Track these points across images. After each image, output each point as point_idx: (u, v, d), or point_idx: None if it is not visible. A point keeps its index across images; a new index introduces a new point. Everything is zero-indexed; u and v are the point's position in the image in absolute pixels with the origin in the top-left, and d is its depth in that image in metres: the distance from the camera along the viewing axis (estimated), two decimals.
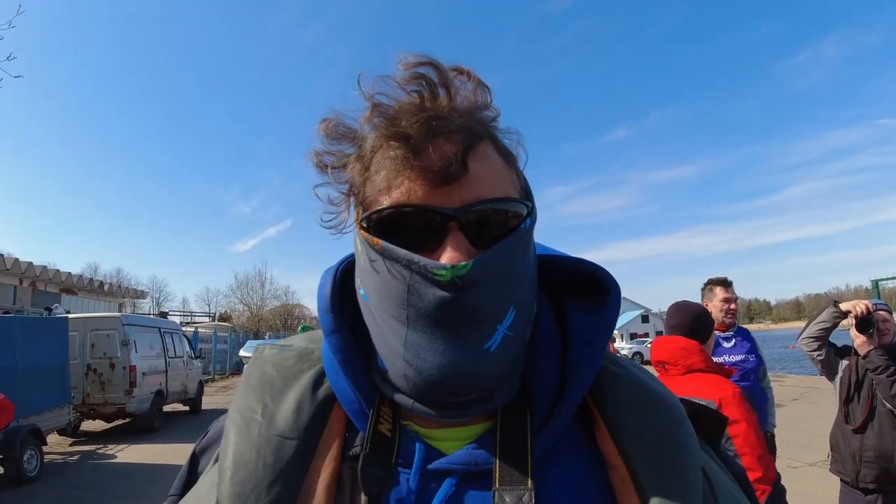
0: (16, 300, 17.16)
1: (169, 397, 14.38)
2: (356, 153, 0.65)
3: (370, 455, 0.62)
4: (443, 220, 0.59)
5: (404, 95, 0.62)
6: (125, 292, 28.10)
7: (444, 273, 0.56)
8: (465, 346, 0.57)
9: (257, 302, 53.66)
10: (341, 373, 0.66)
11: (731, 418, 2.45)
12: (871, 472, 3.39)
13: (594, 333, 0.68)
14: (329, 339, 0.68)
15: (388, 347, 0.62)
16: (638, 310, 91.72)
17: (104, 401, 12.17)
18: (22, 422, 8.73)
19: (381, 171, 0.61)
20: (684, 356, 2.74)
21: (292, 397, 0.66)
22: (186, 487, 0.74)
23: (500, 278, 0.59)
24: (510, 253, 0.60)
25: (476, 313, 0.57)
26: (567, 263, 0.74)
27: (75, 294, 21.45)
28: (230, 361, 30.63)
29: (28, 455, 8.58)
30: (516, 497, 0.58)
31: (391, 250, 0.59)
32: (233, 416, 0.67)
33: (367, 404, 0.66)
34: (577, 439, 0.66)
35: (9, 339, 8.91)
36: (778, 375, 21.49)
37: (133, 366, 12.38)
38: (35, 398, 9.25)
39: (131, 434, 12.54)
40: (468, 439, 0.65)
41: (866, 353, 3.47)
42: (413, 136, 0.59)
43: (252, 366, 0.73)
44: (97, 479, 8.77)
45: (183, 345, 15.87)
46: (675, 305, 3.05)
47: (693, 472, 0.62)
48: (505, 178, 0.64)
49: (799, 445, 7.97)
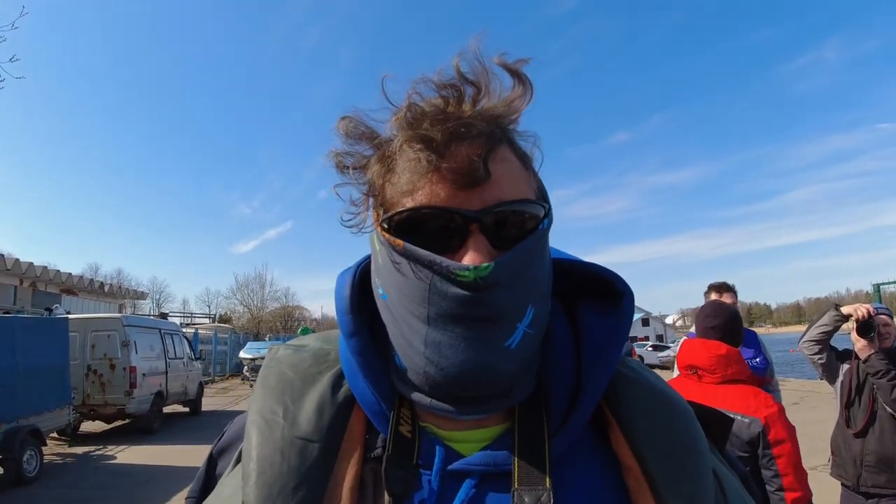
0: (16, 300, 17.16)
1: (169, 398, 14.38)
2: (377, 154, 0.67)
3: (392, 456, 0.63)
4: (464, 222, 0.60)
5: (430, 98, 0.63)
6: (125, 293, 28.15)
7: (467, 274, 0.57)
8: (488, 344, 0.59)
9: (257, 304, 53.67)
10: (361, 375, 0.67)
11: (778, 438, 2.36)
12: (872, 476, 3.38)
13: (608, 338, 0.69)
14: (349, 341, 0.68)
15: (408, 345, 0.63)
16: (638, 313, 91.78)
17: (104, 402, 12.17)
18: (22, 422, 8.74)
19: (403, 174, 0.63)
20: (724, 364, 2.55)
21: (313, 399, 0.67)
22: (205, 489, 0.74)
23: (519, 278, 0.60)
24: (529, 254, 0.62)
25: (498, 312, 0.59)
26: (579, 268, 0.75)
27: (76, 295, 21.47)
28: (230, 363, 30.56)
29: (28, 455, 8.58)
30: (535, 497, 0.59)
31: (413, 251, 0.60)
32: (253, 418, 0.67)
33: (387, 406, 0.66)
34: (591, 442, 0.67)
35: (9, 340, 8.90)
36: (778, 379, 21.44)
37: (133, 367, 12.38)
38: (35, 399, 9.25)
39: (131, 435, 12.53)
40: (486, 441, 0.66)
41: (867, 357, 3.46)
42: (436, 140, 0.60)
43: (268, 367, 0.73)
44: (97, 480, 8.76)
45: (183, 346, 15.87)
46: (714, 304, 2.92)
47: (705, 472, 0.64)
48: (523, 180, 0.65)
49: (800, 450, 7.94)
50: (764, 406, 2.42)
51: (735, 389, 2.51)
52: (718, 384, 2.55)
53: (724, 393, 2.50)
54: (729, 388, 2.52)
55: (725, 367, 2.54)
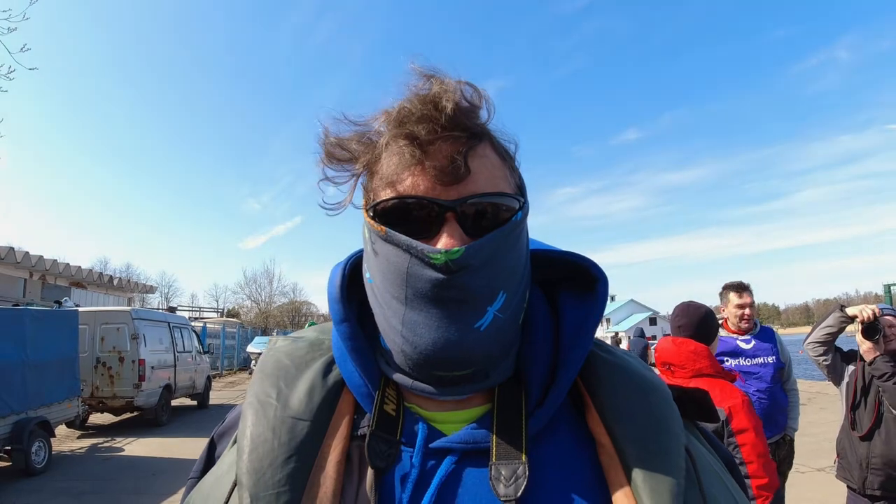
0: (26, 294, 17.31)
1: (177, 392, 14.47)
2: (366, 148, 0.72)
3: (376, 431, 0.68)
4: (441, 211, 0.66)
5: (414, 100, 0.67)
6: (134, 287, 28.32)
7: (439, 257, 0.62)
8: (457, 323, 0.64)
9: (265, 298, 53.92)
10: (349, 359, 0.73)
11: (740, 427, 2.51)
12: (878, 478, 3.36)
13: (583, 321, 0.75)
14: (338, 327, 0.74)
15: (389, 326, 0.68)
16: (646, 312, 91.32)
17: (113, 394, 12.27)
18: (31, 414, 8.82)
19: (389, 167, 0.68)
20: (693, 360, 2.76)
21: (305, 382, 0.72)
22: (205, 470, 0.80)
23: (491, 264, 0.65)
24: (501, 242, 0.67)
25: (468, 295, 0.64)
26: (560, 257, 0.80)
27: (85, 288, 21.62)
28: (238, 357, 30.80)
29: (36, 447, 8.66)
30: (511, 471, 0.64)
31: (394, 236, 0.66)
32: (250, 401, 0.72)
33: (374, 387, 0.72)
34: (568, 420, 0.72)
35: (19, 332, 8.97)
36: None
37: (142, 360, 12.47)
38: (44, 391, 9.33)
39: (139, 427, 12.64)
40: (467, 421, 0.71)
41: (872, 359, 3.44)
42: (420, 137, 0.66)
43: (267, 355, 0.78)
44: (105, 472, 8.83)
45: (192, 340, 15.97)
46: (682, 305, 3.05)
47: (675, 449, 0.67)
48: (500, 174, 0.71)
49: (807, 451, 7.92)
50: (729, 397, 2.59)
51: (704, 382, 2.69)
52: (689, 378, 2.75)
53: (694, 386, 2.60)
54: (699, 382, 2.70)
55: (694, 363, 2.77)
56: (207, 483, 0.74)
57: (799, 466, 7.71)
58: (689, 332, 2.89)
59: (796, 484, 6.97)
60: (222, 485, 0.70)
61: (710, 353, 2.79)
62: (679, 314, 3.00)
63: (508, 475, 0.63)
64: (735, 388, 2.68)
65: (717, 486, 0.69)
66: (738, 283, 4.17)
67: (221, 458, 0.76)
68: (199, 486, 0.75)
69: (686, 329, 2.91)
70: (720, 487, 0.70)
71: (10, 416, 8.41)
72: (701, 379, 2.71)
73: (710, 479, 0.69)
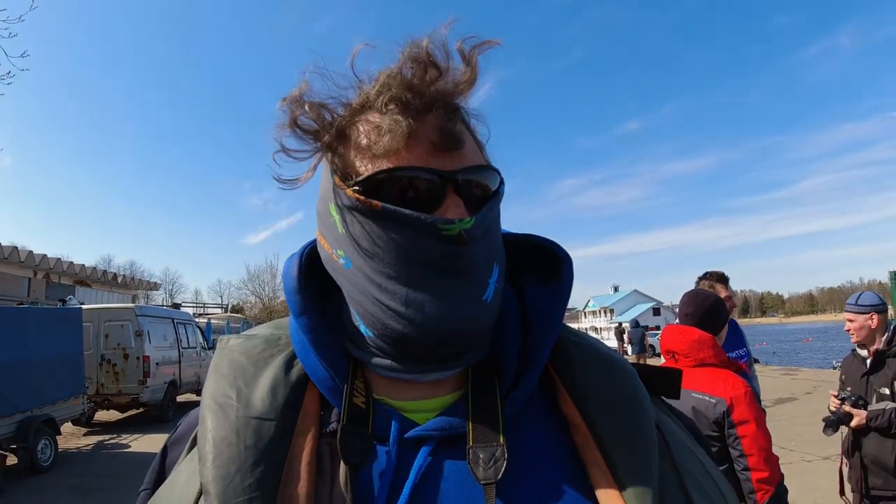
0: (30, 292, 17.35)
1: (182, 387, 14.54)
2: (340, 117, 0.68)
3: (347, 426, 0.65)
4: (442, 182, 0.63)
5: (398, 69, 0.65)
6: (138, 284, 28.35)
7: (453, 227, 0.60)
8: (469, 296, 0.63)
9: (269, 294, 53.87)
10: (312, 352, 0.69)
11: (741, 418, 2.50)
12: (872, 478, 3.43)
13: (550, 304, 0.73)
14: (299, 319, 0.70)
15: (381, 309, 0.64)
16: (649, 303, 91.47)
17: (118, 391, 12.33)
18: (36, 412, 8.85)
19: (372, 136, 0.64)
20: (697, 349, 2.73)
21: (266, 380, 0.68)
22: (158, 481, 0.74)
23: (487, 236, 0.65)
24: (493, 213, 0.67)
25: (475, 266, 0.63)
26: (523, 240, 0.78)
27: (89, 286, 21.64)
28: None
29: (42, 445, 8.70)
30: (489, 454, 0.62)
31: (394, 211, 0.61)
32: (207, 403, 0.67)
33: (340, 380, 0.68)
34: (542, 405, 0.70)
35: (23, 330, 8.98)
36: (791, 368, 21.35)
37: (147, 356, 12.52)
38: (49, 388, 9.35)
39: (145, 424, 12.69)
40: (439, 408, 0.68)
41: (859, 424, 3.46)
42: (414, 106, 0.63)
43: (219, 355, 0.74)
44: (111, 469, 8.88)
45: (196, 335, 16.03)
46: (690, 294, 3.03)
47: (647, 423, 0.67)
48: (478, 147, 0.71)
49: (812, 439, 7.91)
50: (731, 388, 2.57)
51: (707, 372, 2.68)
52: (693, 367, 2.72)
53: (697, 375, 2.67)
54: (702, 371, 2.69)
55: (698, 352, 2.74)
56: (163, 496, 0.68)
57: (805, 455, 7.71)
58: (695, 321, 2.85)
59: (802, 472, 6.96)
60: (185, 495, 0.64)
61: (714, 342, 2.75)
62: (687, 302, 2.97)
63: (487, 458, 0.62)
64: (738, 378, 2.65)
65: (689, 458, 0.70)
66: (721, 273, 4.08)
67: (176, 466, 0.71)
68: (154, 498, 0.69)
69: (693, 318, 2.87)
70: (692, 460, 0.70)
71: (16, 415, 8.44)
72: (705, 369, 2.69)
73: (682, 451, 0.69)
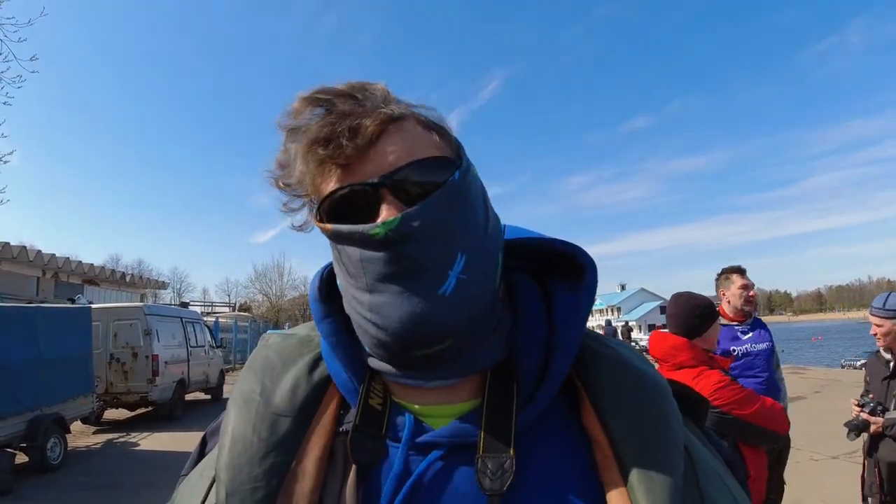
0: (39, 292, 17.45)
1: (191, 386, 14.57)
2: (296, 168, 0.70)
3: (360, 426, 0.67)
4: (374, 190, 0.64)
5: (313, 117, 0.66)
6: (147, 283, 28.50)
7: (378, 231, 0.60)
8: (419, 294, 0.62)
9: (276, 292, 53.98)
10: (334, 355, 0.72)
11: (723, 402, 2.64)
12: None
13: (574, 311, 0.72)
14: (320, 325, 0.73)
15: (362, 319, 0.66)
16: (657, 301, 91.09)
17: (127, 390, 12.37)
18: (45, 410, 8.90)
19: (312, 173, 0.67)
20: (673, 354, 2.83)
21: (289, 378, 0.72)
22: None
23: (438, 229, 0.62)
24: (443, 204, 0.63)
25: (420, 263, 0.61)
26: (549, 246, 0.77)
27: (97, 285, 21.76)
28: (250, 350, 30.68)
29: (52, 443, 8.74)
30: (498, 464, 0.62)
31: (338, 229, 0.64)
32: (234, 398, 0.72)
33: (359, 382, 0.71)
34: (562, 416, 0.69)
35: (32, 329, 9.02)
36: (799, 368, 21.20)
37: (155, 355, 12.55)
38: (58, 387, 9.40)
39: (154, 422, 12.73)
40: (456, 415, 0.68)
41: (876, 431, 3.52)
42: (326, 136, 0.64)
43: (257, 352, 0.78)
44: (120, 467, 8.92)
45: (204, 334, 16.06)
46: (675, 296, 3.07)
47: (673, 445, 0.64)
48: (427, 143, 0.68)
49: (821, 438, 7.87)
50: (702, 382, 2.66)
51: (686, 374, 2.75)
52: (672, 371, 2.80)
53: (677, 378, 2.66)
54: (681, 374, 2.75)
55: (674, 356, 2.83)
56: (192, 479, 0.75)
57: (813, 454, 7.67)
58: (674, 323, 2.93)
59: (810, 471, 6.93)
60: (203, 480, 0.71)
61: (690, 345, 2.81)
62: (671, 304, 3.03)
63: (495, 469, 0.61)
64: (714, 372, 2.72)
65: (717, 486, 0.67)
66: (738, 266, 4.06)
67: (207, 455, 0.77)
68: (185, 481, 0.77)
69: (673, 319, 2.94)
70: (720, 488, 0.67)
71: (25, 414, 8.48)
72: (683, 371, 2.75)
73: (709, 479, 0.66)
